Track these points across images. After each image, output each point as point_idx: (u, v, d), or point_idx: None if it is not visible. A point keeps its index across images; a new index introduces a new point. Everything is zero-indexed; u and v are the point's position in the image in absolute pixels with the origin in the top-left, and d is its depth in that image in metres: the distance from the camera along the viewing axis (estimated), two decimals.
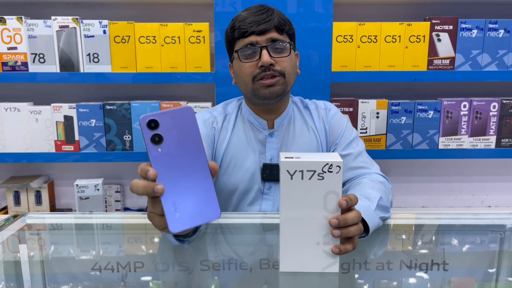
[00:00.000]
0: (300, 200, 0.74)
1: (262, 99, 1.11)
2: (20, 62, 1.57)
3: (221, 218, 1.08)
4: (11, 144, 1.62)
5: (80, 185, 1.43)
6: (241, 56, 1.10)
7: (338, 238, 0.75)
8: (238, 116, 1.23)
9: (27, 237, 1.00)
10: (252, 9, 1.11)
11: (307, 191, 0.73)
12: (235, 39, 1.11)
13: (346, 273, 0.80)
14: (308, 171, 0.72)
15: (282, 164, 0.72)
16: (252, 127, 1.20)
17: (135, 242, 1.00)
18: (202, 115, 1.23)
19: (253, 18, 1.08)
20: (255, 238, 1.01)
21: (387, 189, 1.07)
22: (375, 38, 1.57)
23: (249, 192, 1.18)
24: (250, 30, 1.07)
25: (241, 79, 1.13)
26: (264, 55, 1.07)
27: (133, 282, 0.79)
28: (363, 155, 1.19)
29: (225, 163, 1.18)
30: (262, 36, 1.08)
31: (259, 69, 1.08)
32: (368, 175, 1.12)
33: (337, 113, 1.25)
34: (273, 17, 1.08)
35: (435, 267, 0.84)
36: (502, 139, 1.66)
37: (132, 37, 1.55)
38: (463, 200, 1.94)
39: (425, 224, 1.09)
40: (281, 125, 1.20)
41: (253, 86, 1.10)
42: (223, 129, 1.21)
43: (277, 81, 1.09)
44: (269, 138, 1.19)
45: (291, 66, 1.12)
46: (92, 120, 1.61)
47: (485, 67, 1.61)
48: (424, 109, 1.63)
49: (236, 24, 1.10)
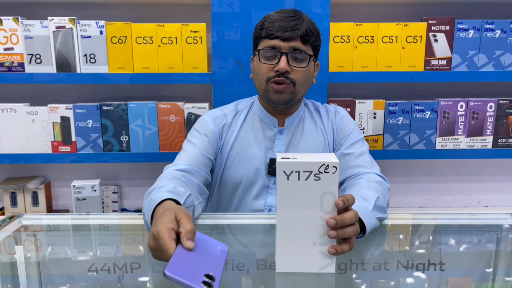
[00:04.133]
0: (297, 201, 0.74)
1: (270, 101, 1.17)
2: (16, 63, 1.56)
3: (218, 218, 1.08)
4: (8, 145, 1.62)
5: (77, 186, 1.43)
6: (261, 56, 1.14)
7: (334, 238, 0.75)
8: (249, 113, 1.27)
9: (23, 238, 1.00)
10: (285, 13, 1.13)
11: (303, 192, 0.73)
12: (261, 37, 1.15)
13: (343, 274, 0.80)
14: (304, 172, 0.72)
15: (279, 165, 0.72)
16: (262, 124, 1.24)
17: (132, 243, 1.00)
18: (214, 112, 1.27)
19: (282, 23, 1.10)
20: (252, 239, 1.01)
21: (384, 189, 1.07)
22: (372, 39, 1.57)
23: (253, 186, 1.21)
24: (275, 34, 1.10)
25: (257, 76, 1.17)
26: (282, 62, 1.10)
27: (129, 283, 0.78)
28: (365, 156, 1.20)
29: (231, 156, 1.22)
30: (286, 42, 1.11)
31: (274, 73, 1.12)
32: (366, 175, 1.13)
33: (346, 116, 1.29)
34: (301, 27, 1.11)
35: (432, 267, 0.84)
36: (498, 139, 1.67)
37: (129, 38, 1.55)
38: (460, 200, 1.94)
39: (422, 224, 1.10)
40: (291, 124, 1.24)
41: (266, 87, 1.15)
42: (232, 124, 1.25)
43: (285, 89, 1.13)
44: (278, 135, 1.23)
45: (304, 77, 1.15)
46: (89, 120, 1.60)
47: (482, 67, 1.61)
48: (421, 109, 1.63)
49: (265, 24, 1.13)
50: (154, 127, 1.62)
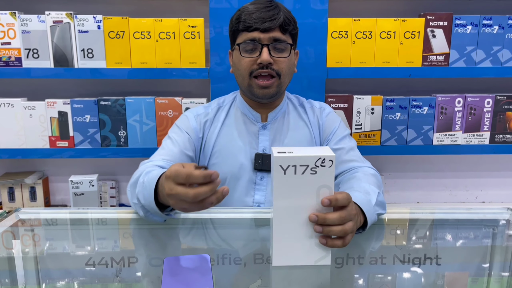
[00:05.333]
0: (293, 195, 0.74)
1: (255, 97, 1.15)
2: (13, 58, 1.56)
3: (213, 213, 1.08)
4: (5, 140, 1.61)
5: (74, 181, 1.43)
6: (242, 50, 1.12)
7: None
8: (231, 108, 1.25)
9: (21, 233, 1.00)
10: (260, 3, 1.11)
11: (300, 186, 0.73)
12: (239, 30, 1.12)
13: (339, 268, 0.80)
14: (301, 166, 0.72)
15: (275, 159, 0.72)
16: (245, 120, 1.22)
17: (129, 238, 1.00)
18: (197, 109, 1.25)
19: (259, 14, 1.08)
20: (248, 233, 1.01)
21: (380, 183, 1.08)
22: (370, 34, 1.57)
23: (239, 182, 1.19)
24: (254, 26, 1.08)
25: (238, 71, 1.15)
26: (264, 53, 1.09)
27: (127, 277, 0.79)
28: (356, 151, 1.20)
29: (215, 153, 1.20)
30: (265, 34, 1.09)
31: (257, 65, 1.10)
32: (360, 169, 1.13)
33: (332, 112, 1.28)
34: (279, 16, 1.09)
35: (428, 261, 0.84)
36: (496, 135, 1.67)
37: (127, 33, 1.55)
38: (457, 195, 1.95)
39: (418, 219, 1.10)
40: (274, 118, 1.22)
41: (249, 82, 1.13)
42: (215, 121, 1.23)
43: (272, 83, 1.12)
44: (262, 130, 1.21)
45: (288, 67, 1.14)
46: (86, 115, 1.60)
47: (480, 63, 1.61)
48: (418, 105, 1.63)
49: (242, 16, 1.11)
50: (152, 122, 1.62)
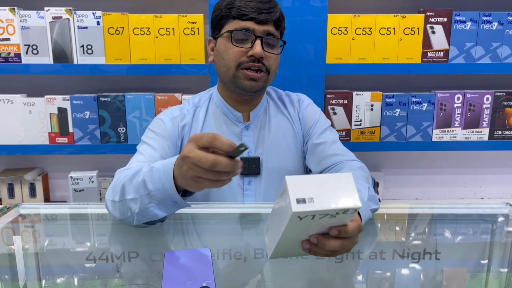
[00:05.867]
0: (300, 228, 0.67)
1: (240, 89, 1.08)
2: (13, 54, 1.55)
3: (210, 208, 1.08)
4: (5, 136, 1.61)
5: (74, 178, 1.43)
6: (233, 39, 1.04)
7: None
8: (209, 107, 1.18)
9: (21, 228, 1.00)
10: None
11: (312, 225, 0.66)
12: (230, 17, 1.05)
13: (339, 263, 0.81)
14: (321, 215, 0.63)
15: (294, 213, 0.61)
16: (225, 120, 1.16)
17: (130, 233, 1.00)
18: (172, 112, 1.17)
19: (256, 4, 1.03)
20: (244, 228, 1.02)
21: (368, 176, 1.06)
22: (369, 30, 1.57)
23: (225, 189, 1.11)
24: (250, 15, 1.02)
25: (224, 60, 1.07)
26: (258, 46, 1.03)
27: (127, 272, 0.79)
28: (338, 143, 1.18)
29: None
30: (260, 26, 1.04)
31: (247, 58, 1.05)
32: (346, 163, 1.10)
33: (310, 104, 1.24)
34: (276, 10, 1.05)
35: (427, 256, 0.85)
36: (495, 132, 1.67)
37: (126, 29, 1.54)
38: (456, 192, 1.96)
39: (418, 214, 1.10)
40: (257, 117, 1.17)
41: (236, 73, 1.06)
42: (194, 123, 1.15)
43: (261, 77, 1.07)
44: (245, 131, 1.16)
45: (276, 64, 1.11)
46: (86, 112, 1.60)
47: (479, 59, 1.61)
48: (418, 101, 1.63)
49: (236, 2, 1.03)
50: (152, 118, 1.61)
